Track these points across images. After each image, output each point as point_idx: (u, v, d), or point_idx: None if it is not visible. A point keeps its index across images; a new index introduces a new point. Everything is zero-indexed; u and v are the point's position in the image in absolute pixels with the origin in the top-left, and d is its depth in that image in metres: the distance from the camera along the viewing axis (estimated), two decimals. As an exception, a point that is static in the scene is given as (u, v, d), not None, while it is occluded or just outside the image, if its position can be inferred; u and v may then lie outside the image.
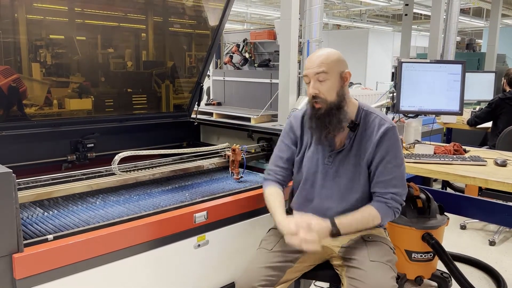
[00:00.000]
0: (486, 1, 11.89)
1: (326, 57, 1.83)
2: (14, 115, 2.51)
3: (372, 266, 1.73)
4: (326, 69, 1.81)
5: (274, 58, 6.21)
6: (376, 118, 1.89)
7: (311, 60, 1.86)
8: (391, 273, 1.74)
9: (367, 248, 1.82)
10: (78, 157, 2.64)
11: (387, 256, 1.82)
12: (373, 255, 1.78)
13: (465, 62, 2.84)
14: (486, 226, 4.14)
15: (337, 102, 1.84)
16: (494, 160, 2.49)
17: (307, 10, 4.57)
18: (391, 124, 1.87)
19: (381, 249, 1.84)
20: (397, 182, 1.86)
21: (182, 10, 3.21)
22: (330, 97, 1.83)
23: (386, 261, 1.77)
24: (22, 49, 2.49)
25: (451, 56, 7.88)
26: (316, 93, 1.83)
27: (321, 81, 1.82)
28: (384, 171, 1.85)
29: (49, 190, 1.97)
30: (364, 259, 1.77)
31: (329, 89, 1.83)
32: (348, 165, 1.89)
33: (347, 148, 1.89)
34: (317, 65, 1.82)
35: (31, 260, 1.47)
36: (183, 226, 1.89)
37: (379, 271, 1.72)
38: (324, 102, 1.83)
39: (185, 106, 3.33)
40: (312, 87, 1.84)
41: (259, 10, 14.09)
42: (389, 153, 1.84)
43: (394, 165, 1.85)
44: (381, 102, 4.26)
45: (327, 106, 1.83)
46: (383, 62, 12.69)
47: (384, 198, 1.85)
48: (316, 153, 1.94)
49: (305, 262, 1.89)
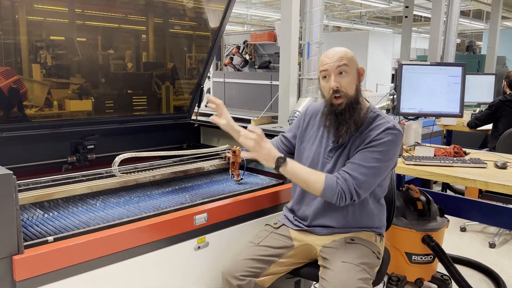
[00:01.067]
0: (486, 3, 11.91)
1: (345, 53, 1.86)
2: (15, 116, 2.51)
3: (341, 267, 1.74)
4: (347, 62, 1.83)
5: (274, 59, 6.21)
6: (382, 119, 1.87)
7: (329, 55, 1.86)
8: (361, 275, 1.72)
9: (345, 249, 1.83)
10: (78, 158, 2.63)
11: (364, 258, 1.80)
12: (347, 257, 1.78)
13: (465, 64, 2.84)
14: (486, 228, 4.14)
15: (356, 96, 1.86)
16: (494, 163, 2.49)
17: (308, 12, 4.58)
18: (395, 126, 1.83)
19: (359, 251, 1.82)
20: (365, 171, 1.77)
21: (182, 12, 3.21)
22: (351, 91, 1.84)
23: (359, 263, 1.76)
24: (22, 50, 2.49)
25: (451, 58, 7.89)
26: (338, 86, 1.83)
27: (341, 74, 1.83)
28: (360, 156, 1.80)
29: (49, 191, 1.97)
30: (336, 260, 1.78)
31: (350, 82, 1.85)
32: (342, 160, 1.89)
33: (345, 144, 1.89)
34: (338, 58, 1.83)
35: (32, 262, 1.46)
36: (183, 228, 1.88)
37: (347, 272, 1.72)
38: (345, 96, 1.84)
39: (185, 108, 3.33)
40: (334, 81, 1.83)
41: (259, 12, 14.10)
42: (376, 146, 1.79)
43: (373, 158, 1.78)
44: (381, 104, 4.26)
45: (348, 100, 1.84)
46: (383, 64, 12.69)
47: (339, 175, 1.80)
48: (319, 148, 1.96)
49: (292, 259, 1.92)
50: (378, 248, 1.92)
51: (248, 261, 1.85)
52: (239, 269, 1.83)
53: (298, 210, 2.02)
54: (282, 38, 4.65)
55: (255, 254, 1.88)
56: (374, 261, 1.84)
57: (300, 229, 1.98)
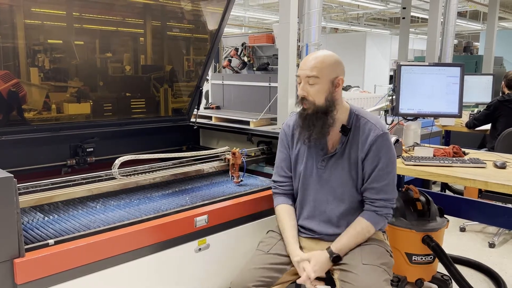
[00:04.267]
0: (483, 4, 11.94)
1: (321, 61, 1.83)
2: (14, 120, 2.51)
3: (364, 269, 1.74)
4: (318, 73, 1.81)
5: (272, 61, 6.21)
6: (367, 123, 1.88)
7: (305, 62, 1.86)
8: (384, 276, 1.73)
9: (361, 251, 1.83)
10: (78, 161, 2.63)
11: (382, 259, 1.81)
12: (366, 258, 1.78)
13: (463, 65, 2.85)
14: (485, 228, 4.14)
15: (324, 107, 1.83)
16: (493, 162, 2.49)
17: (306, 13, 4.58)
18: (383, 130, 1.87)
19: (375, 252, 1.84)
20: (388, 188, 1.87)
21: (181, 15, 3.22)
22: (318, 101, 1.83)
23: (379, 264, 1.77)
24: (20, 54, 2.49)
25: (449, 59, 7.90)
26: (304, 95, 1.85)
27: (311, 84, 1.83)
28: (375, 178, 1.86)
29: (50, 194, 1.97)
30: (357, 262, 1.77)
31: (318, 93, 1.83)
32: (340, 170, 1.90)
33: (339, 152, 1.90)
34: (310, 68, 1.82)
35: (32, 265, 1.46)
36: (184, 230, 1.88)
37: (371, 274, 1.72)
38: (312, 104, 1.84)
39: (184, 110, 3.33)
40: (301, 89, 1.85)
41: (258, 14, 14.11)
42: (381, 160, 1.85)
43: (386, 172, 1.86)
44: (380, 105, 4.27)
45: (314, 108, 1.84)
46: (381, 65, 12.74)
47: (374, 206, 1.86)
48: (310, 157, 1.95)
49: None
50: (389, 247, 1.94)
51: (260, 270, 1.80)
52: (251, 279, 1.77)
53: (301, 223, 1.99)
54: (280, 40, 4.65)
55: (266, 263, 1.83)
56: (390, 260, 1.87)
57: (309, 236, 1.96)
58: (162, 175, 2.37)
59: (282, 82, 4.60)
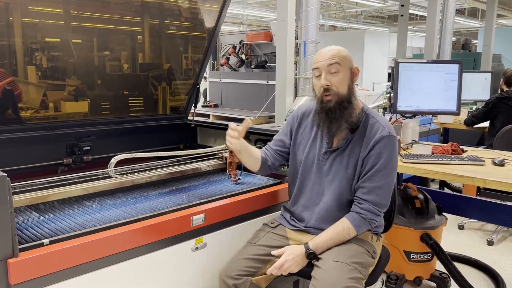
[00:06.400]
0: (481, 2, 11.93)
1: (338, 51, 1.85)
2: (9, 118, 2.49)
3: (333, 266, 1.73)
4: (339, 60, 1.82)
5: (270, 59, 6.20)
6: (376, 123, 1.87)
7: (321, 54, 1.86)
8: (351, 274, 1.71)
9: (338, 249, 1.82)
10: (74, 160, 2.62)
11: (356, 258, 1.79)
12: (339, 256, 1.77)
13: (462, 62, 2.84)
14: (484, 226, 4.14)
15: (347, 95, 1.84)
16: (492, 160, 2.49)
17: (303, 11, 4.56)
18: (390, 132, 1.85)
19: (352, 250, 1.81)
20: (380, 192, 1.84)
21: (178, 12, 3.20)
22: (342, 90, 1.83)
23: (351, 262, 1.75)
24: (17, 52, 2.47)
25: (447, 56, 7.90)
26: (328, 85, 1.83)
27: (333, 73, 1.82)
28: (370, 177, 1.83)
29: (45, 193, 1.96)
30: (328, 259, 1.77)
31: (341, 81, 1.83)
32: (341, 165, 1.89)
33: (342, 148, 1.89)
34: (330, 57, 1.83)
35: (27, 265, 1.45)
36: (181, 229, 1.87)
37: (338, 270, 1.71)
38: (336, 94, 1.83)
39: (181, 108, 3.32)
40: (324, 79, 1.83)
41: (255, 12, 14.10)
42: (381, 161, 1.82)
43: (382, 174, 1.83)
44: (378, 102, 4.26)
45: (338, 98, 1.83)
46: (379, 63, 12.70)
47: (359, 208, 1.84)
48: (313, 148, 1.95)
49: None
50: (374, 248, 1.91)
51: (244, 261, 1.85)
52: (235, 269, 1.82)
53: (295, 211, 2.01)
54: (278, 37, 4.63)
55: (251, 254, 1.87)
56: (367, 260, 1.83)
57: (297, 229, 1.97)
58: (159, 174, 2.36)
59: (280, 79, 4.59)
